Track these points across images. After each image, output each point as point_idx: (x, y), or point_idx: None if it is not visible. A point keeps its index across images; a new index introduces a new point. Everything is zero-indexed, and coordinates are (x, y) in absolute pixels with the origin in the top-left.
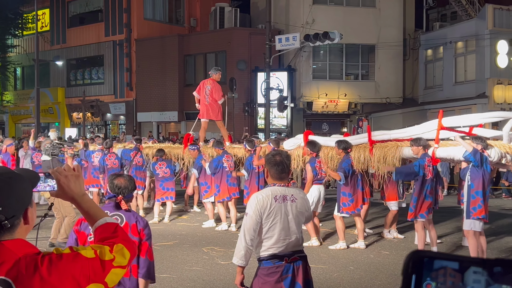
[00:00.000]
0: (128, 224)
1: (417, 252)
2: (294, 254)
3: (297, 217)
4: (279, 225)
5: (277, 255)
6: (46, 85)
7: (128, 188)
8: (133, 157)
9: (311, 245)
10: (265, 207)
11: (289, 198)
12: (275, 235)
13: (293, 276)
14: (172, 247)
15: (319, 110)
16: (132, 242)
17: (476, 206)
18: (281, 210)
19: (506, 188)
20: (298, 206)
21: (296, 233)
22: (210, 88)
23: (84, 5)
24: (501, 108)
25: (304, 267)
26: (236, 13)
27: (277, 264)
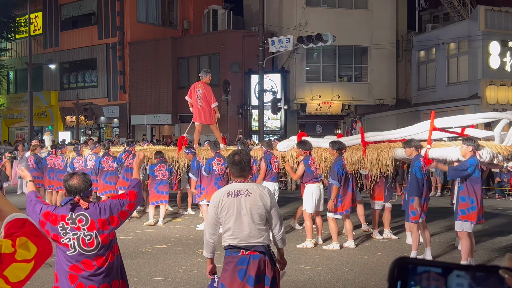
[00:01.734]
0: (94, 221)
1: (402, 259)
2: (252, 248)
3: (253, 211)
4: (232, 218)
5: (234, 246)
6: (39, 88)
7: (83, 187)
8: (124, 159)
9: (305, 246)
10: (218, 202)
11: (243, 193)
12: (230, 228)
13: (248, 269)
14: (166, 250)
15: (313, 112)
16: (42, 237)
17: (464, 209)
18: (233, 204)
19: (499, 188)
20: (252, 200)
21: (252, 227)
22: (202, 92)
23: (77, 8)
24: (493, 109)
25: (262, 262)
26: (229, 16)
27: (234, 255)
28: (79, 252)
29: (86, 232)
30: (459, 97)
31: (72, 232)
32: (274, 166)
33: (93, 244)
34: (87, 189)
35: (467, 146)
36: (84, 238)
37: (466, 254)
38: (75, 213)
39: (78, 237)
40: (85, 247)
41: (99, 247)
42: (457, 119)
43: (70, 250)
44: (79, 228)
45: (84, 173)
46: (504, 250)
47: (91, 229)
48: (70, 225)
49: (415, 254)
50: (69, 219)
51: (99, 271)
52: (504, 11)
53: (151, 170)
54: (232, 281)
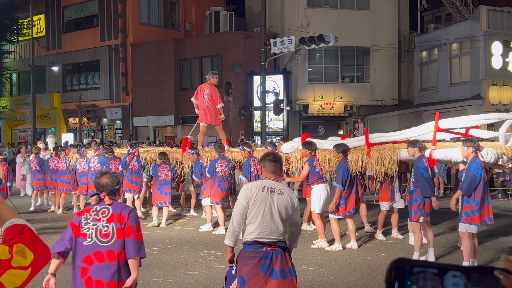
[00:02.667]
0: (114, 214)
1: (399, 260)
2: (275, 244)
3: (281, 210)
4: (262, 212)
5: (258, 241)
6: (42, 90)
7: (110, 184)
8: (128, 162)
9: (320, 246)
10: (252, 194)
11: (277, 191)
12: (258, 221)
13: (271, 263)
14: (169, 252)
15: (315, 113)
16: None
17: (468, 212)
18: (267, 199)
19: (502, 189)
20: (284, 200)
21: (279, 224)
22: (208, 92)
23: (80, 11)
24: (496, 109)
25: (283, 257)
26: (231, 17)
27: (258, 250)
28: (95, 242)
29: (105, 223)
30: (462, 97)
31: (93, 222)
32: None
33: (108, 236)
34: (114, 187)
35: (467, 148)
36: (102, 229)
37: (468, 254)
38: (100, 206)
39: (96, 228)
40: (101, 237)
41: (113, 240)
42: (462, 120)
43: (87, 240)
44: (100, 219)
45: (114, 172)
46: (507, 251)
47: (110, 221)
48: (93, 216)
49: (417, 255)
50: (93, 211)
51: (109, 265)
52: (506, 11)
53: (154, 171)
54: (255, 275)
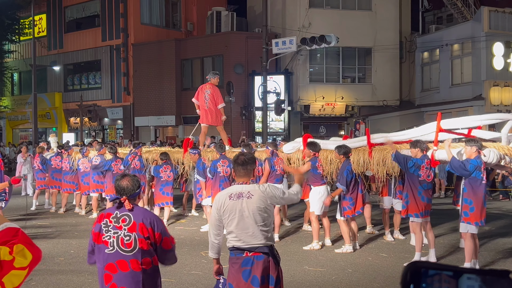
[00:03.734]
0: (136, 223)
1: (415, 263)
2: (256, 249)
3: (255, 213)
4: (235, 221)
5: (237, 247)
6: (43, 90)
7: (130, 188)
8: (130, 161)
9: (312, 248)
10: (220, 204)
11: (245, 195)
12: (233, 230)
13: (252, 269)
14: None
15: (316, 113)
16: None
17: (467, 211)
18: (236, 207)
19: (503, 190)
20: (254, 202)
21: (255, 229)
22: (210, 93)
23: (81, 10)
24: (497, 110)
25: (266, 263)
26: (232, 17)
27: (238, 256)
28: (117, 251)
29: (126, 233)
30: (463, 98)
31: (114, 230)
32: (278, 168)
33: (130, 246)
34: (135, 190)
35: (471, 147)
36: (124, 238)
37: (470, 255)
38: (120, 212)
39: (118, 236)
40: (123, 247)
41: (137, 250)
42: (464, 120)
43: (109, 248)
44: (121, 227)
45: (135, 175)
46: (508, 252)
47: (131, 230)
48: (113, 223)
49: (418, 256)
50: (114, 217)
51: (133, 274)
52: (508, 12)
53: (156, 171)
54: (238, 282)
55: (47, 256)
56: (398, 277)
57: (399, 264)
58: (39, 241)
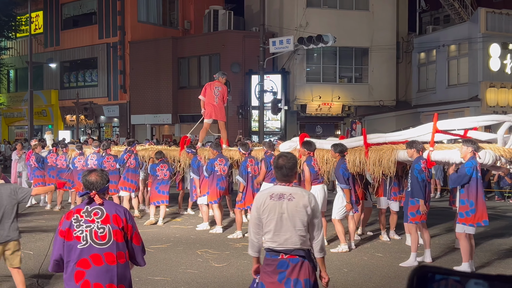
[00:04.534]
0: (109, 215)
1: (421, 268)
2: (291, 252)
3: (294, 216)
4: (273, 222)
5: (273, 249)
6: (39, 87)
7: (100, 182)
8: (126, 160)
9: None
10: (260, 204)
11: (286, 196)
12: (271, 230)
13: (288, 272)
14: (166, 250)
15: (313, 113)
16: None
17: (463, 212)
18: (275, 207)
19: (499, 191)
20: (295, 205)
21: (292, 231)
22: (220, 89)
23: (78, 8)
24: (493, 111)
25: (301, 266)
26: (230, 16)
27: (273, 258)
28: (91, 244)
29: (100, 225)
30: (459, 99)
31: (86, 224)
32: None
33: (105, 238)
34: (104, 185)
35: (467, 147)
36: (97, 231)
37: (466, 255)
38: (91, 206)
39: (91, 229)
40: (97, 239)
41: (111, 242)
42: (460, 121)
43: (82, 243)
44: (93, 220)
45: (103, 170)
46: (504, 253)
47: (105, 222)
48: (85, 217)
49: (414, 256)
50: (84, 212)
51: (108, 268)
52: (505, 13)
53: (153, 170)
54: (272, 283)
55: (42, 254)
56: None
57: (394, 264)
58: (34, 239)
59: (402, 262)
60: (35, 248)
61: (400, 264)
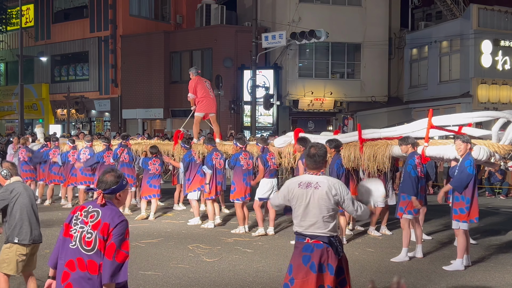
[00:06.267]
0: (101, 222)
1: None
2: (316, 238)
3: (320, 203)
4: (301, 208)
5: (300, 233)
6: (30, 81)
7: (108, 182)
8: (119, 154)
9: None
10: (289, 191)
11: (313, 185)
12: (298, 216)
13: (311, 256)
14: (157, 245)
15: (305, 108)
16: None
17: (457, 209)
18: (303, 195)
19: (489, 187)
20: (321, 193)
21: (318, 218)
22: (208, 83)
23: (69, 1)
24: (484, 108)
25: (325, 251)
26: (222, 11)
27: (299, 241)
28: (78, 247)
29: (89, 229)
30: (451, 95)
31: (81, 225)
32: (271, 163)
33: (90, 244)
34: (113, 185)
35: (466, 144)
36: (86, 235)
37: (462, 251)
38: (93, 207)
39: (82, 232)
40: (84, 244)
41: (95, 250)
42: (455, 117)
43: (72, 242)
44: (87, 223)
45: (117, 170)
46: (496, 249)
47: (95, 228)
48: (83, 217)
49: (405, 251)
50: (85, 211)
51: (89, 277)
52: (497, 10)
53: (145, 163)
54: (299, 265)
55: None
56: (384, 272)
57: (385, 259)
58: None
59: (393, 257)
60: None
61: (392, 259)
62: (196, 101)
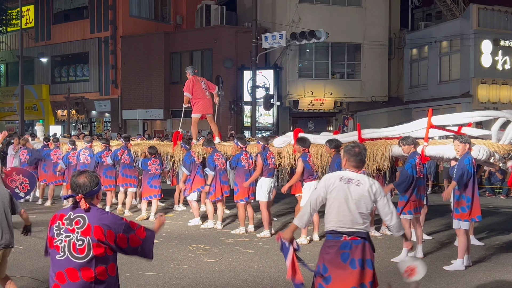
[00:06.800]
0: (91, 226)
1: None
2: (354, 234)
3: (359, 201)
4: (337, 202)
5: (336, 231)
6: (30, 82)
7: (87, 185)
8: (120, 156)
9: (301, 243)
10: (329, 184)
11: (354, 181)
12: (335, 211)
13: (350, 253)
14: (158, 245)
15: (305, 108)
16: None
17: (458, 208)
18: (343, 189)
19: (490, 187)
20: (361, 191)
21: (356, 215)
22: (204, 82)
23: (69, 2)
24: (485, 107)
25: (363, 247)
26: (222, 11)
27: (336, 239)
28: (68, 257)
29: (79, 236)
30: (451, 95)
31: (66, 233)
32: (270, 162)
33: (83, 251)
34: (92, 188)
35: (464, 144)
36: (76, 243)
37: (462, 251)
38: (74, 213)
39: (70, 240)
40: (75, 252)
41: (89, 257)
42: (455, 117)
43: (60, 254)
44: (74, 230)
45: (94, 171)
46: (497, 248)
47: (85, 234)
48: (66, 225)
49: (406, 251)
50: (67, 219)
51: (84, 285)
52: (497, 10)
53: (144, 164)
54: (336, 264)
55: (33, 250)
56: (385, 272)
57: (386, 259)
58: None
59: (394, 257)
60: (26, 244)
61: (392, 259)
62: (192, 102)
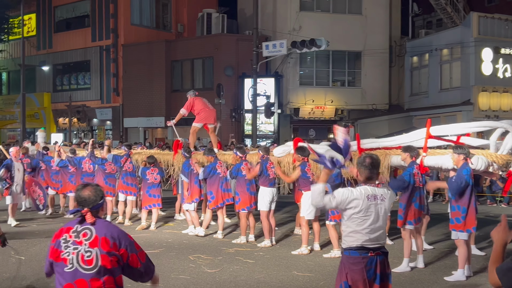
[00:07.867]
0: (98, 238)
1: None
2: (378, 249)
3: (384, 215)
4: (369, 221)
5: (364, 247)
6: (32, 90)
7: (93, 199)
8: (123, 163)
9: (301, 253)
10: (353, 198)
11: (379, 197)
12: (365, 229)
13: (375, 268)
14: (159, 255)
15: (306, 116)
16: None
17: (453, 219)
18: (372, 207)
19: (491, 195)
20: (386, 206)
21: (382, 229)
22: (206, 99)
23: (71, 10)
24: (485, 115)
25: (384, 262)
26: (223, 19)
27: (363, 256)
28: (76, 269)
29: (87, 248)
30: (452, 103)
31: (73, 246)
32: (270, 172)
33: (91, 263)
34: (97, 201)
35: (458, 155)
36: (84, 254)
37: (463, 261)
38: (81, 226)
39: (78, 252)
40: (83, 264)
41: (98, 268)
42: (453, 127)
43: (68, 266)
44: (81, 242)
45: (97, 185)
46: None
47: (93, 245)
48: (73, 238)
49: (407, 262)
50: (74, 231)
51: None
52: (497, 18)
53: (143, 173)
54: (360, 280)
55: (34, 260)
56: None
57: None
58: (26, 244)
59: (394, 267)
60: (27, 254)
61: (393, 269)
62: (195, 113)
